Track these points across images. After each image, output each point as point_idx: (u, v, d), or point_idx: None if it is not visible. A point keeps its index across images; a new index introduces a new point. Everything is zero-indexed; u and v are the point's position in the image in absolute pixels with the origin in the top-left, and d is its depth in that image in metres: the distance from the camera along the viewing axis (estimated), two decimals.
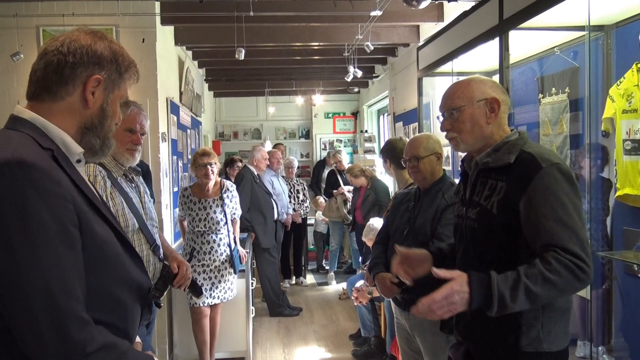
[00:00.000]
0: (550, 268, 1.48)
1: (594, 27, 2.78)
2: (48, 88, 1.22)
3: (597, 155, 2.89)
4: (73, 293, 1.08)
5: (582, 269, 1.50)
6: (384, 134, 8.25)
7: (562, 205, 1.54)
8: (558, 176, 1.57)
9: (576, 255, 1.50)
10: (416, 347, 2.72)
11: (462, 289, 1.51)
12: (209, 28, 5.24)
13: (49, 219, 1.06)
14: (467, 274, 1.55)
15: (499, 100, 1.74)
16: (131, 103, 2.44)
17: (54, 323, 1.05)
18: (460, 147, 1.82)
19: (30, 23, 4.08)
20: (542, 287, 1.48)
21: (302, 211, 6.90)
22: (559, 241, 1.51)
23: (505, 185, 1.65)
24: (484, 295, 1.51)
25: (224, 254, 4.08)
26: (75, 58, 1.22)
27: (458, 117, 1.75)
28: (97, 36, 1.27)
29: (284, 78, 7.95)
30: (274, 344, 5.01)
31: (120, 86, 1.30)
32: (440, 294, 1.51)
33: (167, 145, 4.68)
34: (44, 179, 1.07)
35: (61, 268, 1.07)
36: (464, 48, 3.42)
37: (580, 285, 1.54)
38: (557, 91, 3.18)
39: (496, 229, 1.67)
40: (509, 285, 1.50)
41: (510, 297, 1.49)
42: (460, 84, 1.82)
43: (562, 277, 1.48)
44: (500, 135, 1.76)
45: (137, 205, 2.39)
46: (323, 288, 7.08)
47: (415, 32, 5.47)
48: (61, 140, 1.21)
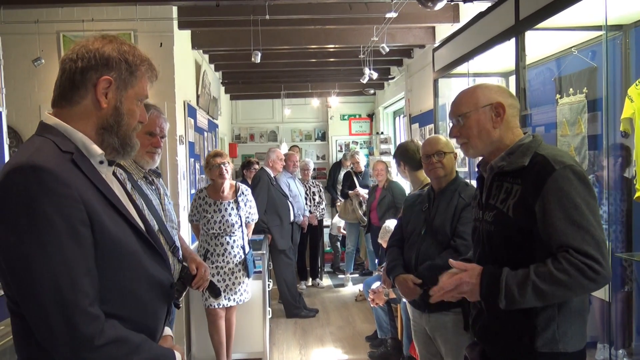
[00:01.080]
0: (560, 267, 1.52)
1: (612, 27, 2.75)
2: (64, 95, 1.29)
3: (617, 156, 2.86)
4: (81, 288, 1.14)
5: (594, 269, 1.50)
6: (400, 135, 8.24)
7: (576, 207, 1.55)
8: (571, 177, 1.58)
9: (589, 255, 1.51)
10: (434, 350, 2.71)
11: (472, 281, 1.64)
12: (225, 32, 5.29)
13: (57, 219, 1.13)
14: (482, 267, 1.66)
15: (504, 105, 1.77)
16: (151, 106, 2.48)
17: (62, 317, 1.12)
18: (470, 153, 1.86)
19: (51, 29, 4.16)
20: (550, 286, 1.53)
21: (319, 213, 6.92)
22: (572, 242, 1.53)
23: (521, 188, 1.67)
24: (492, 288, 1.60)
25: (237, 257, 4.10)
26: (83, 62, 1.27)
27: (465, 123, 1.80)
28: (106, 40, 1.31)
29: (300, 80, 7.98)
30: (290, 345, 5.02)
31: (134, 84, 1.33)
32: (449, 284, 1.67)
33: (185, 147, 4.73)
34: (53, 181, 1.14)
35: (69, 265, 1.14)
36: (480, 49, 3.41)
37: (592, 285, 1.54)
38: (574, 91, 3.15)
39: (512, 232, 1.68)
40: (518, 280, 1.57)
41: (519, 292, 1.56)
42: (466, 92, 1.87)
43: (571, 277, 1.51)
44: (511, 138, 1.78)
45: (157, 207, 2.43)
46: (339, 290, 7.08)
47: (431, 34, 5.46)
48: (82, 143, 1.28)
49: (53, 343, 1.14)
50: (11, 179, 1.14)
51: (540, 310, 1.63)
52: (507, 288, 1.57)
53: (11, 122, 3.39)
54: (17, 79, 3.91)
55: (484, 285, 1.62)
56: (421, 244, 2.61)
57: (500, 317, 1.70)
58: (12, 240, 1.12)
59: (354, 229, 7.17)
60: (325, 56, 6.34)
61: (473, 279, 1.64)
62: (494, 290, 1.59)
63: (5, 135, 2.67)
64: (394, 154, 3.52)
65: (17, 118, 3.93)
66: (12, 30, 4.16)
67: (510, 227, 1.68)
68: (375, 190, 6.11)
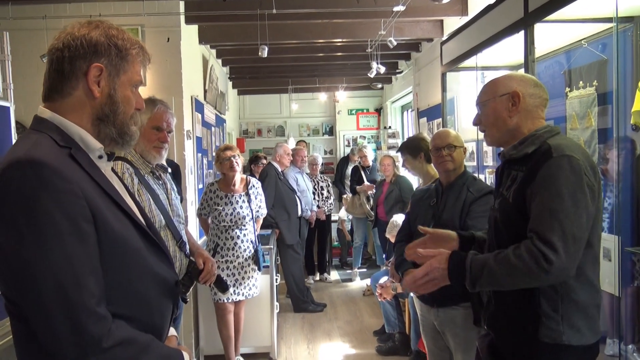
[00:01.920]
0: (516, 252, 1.54)
1: (624, 19, 2.71)
2: (54, 87, 1.23)
3: (626, 149, 2.83)
4: (86, 288, 1.08)
5: (548, 258, 1.49)
6: (407, 130, 8.21)
7: (558, 195, 1.55)
8: (565, 166, 1.57)
9: (550, 243, 1.50)
10: (443, 344, 2.71)
11: (441, 266, 1.68)
12: (232, 26, 5.28)
13: (59, 216, 1.07)
14: (449, 252, 1.71)
15: (519, 93, 1.76)
16: (158, 101, 2.49)
17: (68, 319, 1.06)
18: (488, 141, 1.89)
19: (59, 24, 4.17)
20: (503, 269, 1.56)
21: (326, 208, 6.91)
22: (539, 228, 1.54)
23: (522, 175, 1.69)
24: (459, 271, 1.64)
25: (247, 251, 4.12)
26: (71, 51, 1.20)
27: (483, 111, 1.83)
28: (92, 25, 1.24)
29: (307, 75, 7.96)
30: (298, 340, 5.04)
31: (127, 70, 1.26)
32: (420, 271, 1.71)
33: (192, 142, 4.74)
34: (53, 177, 1.08)
35: (73, 263, 1.08)
36: (489, 42, 3.38)
37: (543, 275, 1.52)
38: (584, 84, 3.12)
39: (512, 218, 1.70)
40: (480, 263, 1.61)
41: (477, 274, 1.60)
42: (491, 80, 1.89)
43: (524, 262, 1.52)
44: (530, 128, 1.77)
45: (164, 202, 2.43)
46: (347, 284, 7.08)
47: (439, 27, 5.42)
48: (79, 137, 1.22)
49: (58, 346, 1.07)
50: (9, 175, 1.08)
51: (544, 300, 1.63)
52: (471, 270, 1.61)
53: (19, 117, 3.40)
54: (25, 75, 3.92)
55: (452, 269, 1.65)
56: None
57: (505, 306, 1.71)
58: (12, 239, 1.06)
59: (361, 223, 7.16)
60: (332, 50, 6.31)
61: (442, 264, 1.68)
62: (461, 272, 1.63)
63: (13, 130, 2.69)
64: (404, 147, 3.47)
65: (26, 113, 3.95)
66: (20, 26, 4.18)
67: (510, 213, 1.70)
68: (382, 184, 6.09)
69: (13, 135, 2.64)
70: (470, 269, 1.61)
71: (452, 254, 1.69)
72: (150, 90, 4.17)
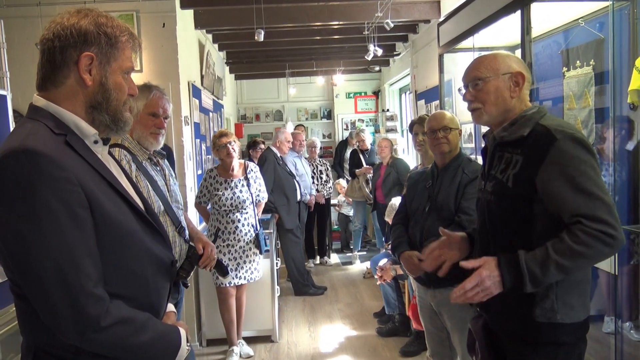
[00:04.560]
0: (577, 240, 1.51)
1: None
2: (47, 77, 1.25)
3: (622, 128, 2.84)
4: (83, 270, 1.13)
5: (611, 234, 1.50)
6: (406, 112, 8.19)
7: (582, 174, 1.55)
8: (574, 145, 1.57)
9: (604, 221, 1.51)
10: (440, 325, 2.74)
11: (492, 274, 1.60)
12: (228, 10, 5.24)
13: (55, 203, 1.11)
14: (496, 258, 1.62)
15: (524, 75, 1.76)
16: (153, 87, 2.48)
17: (66, 300, 1.12)
18: (483, 119, 1.83)
19: (53, 11, 4.14)
20: (572, 260, 1.53)
21: (326, 192, 6.93)
22: (585, 210, 1.52)
23: (522, 158, 1.67)
24: (515, 275, 1.57)
25: (248, 234, 4.14)
26: (61, 41, 1.23)
27: (483, 87, 1.77)
28: (82, 14, 1.26)
29: (305, 59, 7.92)
30: (299, 323, 5.08)
31: (118, 57, 1.28)
32: (470, 283, 1.61)
33: (190, 128, 4.73)
34: (48, 165, 1.11)
35: (70, 247, 1.12)
36: (485, 22, 3.36)
37: (610, 250, 1.55)
38: (581, 64, 3.11)
39: (511, 202, 1.69)
40: (539, 261, 1.55)
41: (542, 272, 1.55)
42: (486, 57, 1.84)
43: (590, 248, 1.51)
44: (521, 109, 1.78)
45: (162, 188, 2.44)
46: (347, 267, 7.13)
47: (436, 8, 5.38)
48: (74, 124, 1.25)
49: (59, 325, 1.13)
50: (5, 165, 1.11)
51: None
52: (530, 272, 1.55)
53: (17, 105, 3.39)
54: (21, 63, 3.90)
55: (506, 276, 1.59)
56: (425, 221, 2.61)
57: None
58: (11, 226, 1.11)
59: (361, 207, 7.18)
60: (329, 33, 6.27)
61: (493, 271, 1.60)
62: (518, 277, 1.57)
63: (11, 119, 2.69)
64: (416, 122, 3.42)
65: (22, 101, 3.93)
66: (14, 14, 4.16)
67: (509, 197, 1.69)
68: (379, 167, 6.10)
69: (11, 123, 2.64)
70: (527, 271, 1.56)
71: (499, 259, 1.62)
72: (147, 76, 4.15)
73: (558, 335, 1.67)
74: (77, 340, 1.15)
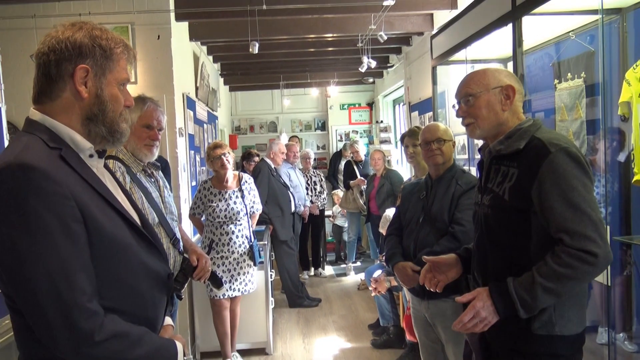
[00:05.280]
0: (560, 262, 1.54)
1: (611, 10, 2.74)
2: (43, 90, 1.26)
3: (614, 140, 2.86)
4: (77, 285, 1.13)
5: (592, 252, 1.52)
6: (400, 124, 8.23)
7: (573, 188, 1.56)
8: (566, 159, 1.59)
9: (587, 237, 1.52)
10: (434, 336, 2.74)
11: (486, 304, 1.65)
12: (222, 23, 5.27)
13: (49, 217, 1.11)
14: (487, 288, 1.67)
15: (515, 88, 1.79)
16: (148, 99, 2.49)
17: (60, 315, 1.11)
18: (477, 133, 1.86)
19: (48, 23, 4.15)
20: (557, 282, 1.55)
21: (320, 203, 6.93)
22: (570, 225, 1.54)
23: (517, 171, 1.68)
24: (506, 302, 1.61)
25: (243, 246, 4.13)
26: (56, 54, 1.23)
27: (474, 103, 1.81)
28: (76, 27, 1.26)
29: (299, 70, 7.96)
30: (294, 335, 5.06)
31: (113, 69, 1.29)
32: (467, 316, 1.67)
33: (185, 140, 4.73)
34: (42, 179, 1.12)
35: (63, 261, 1.12)
36: (478, 35, 3.40)
37: (594, 269, 1.56)
38: (572, 76, 3.15)
39: (508, 215, 1.70)
40: (526, 287, 1.58)
41: (530, 297, 1.57)
42: (476, 73, 1.88)
43: (574, 269, 1.53)
44: (514, 122, 1.80)
45: (157, 199, 2.44)
46: (341, 279, 7.11)
47: (429, 21, 5.43)
48: (70, 138, 1.25)
49: (53, 340, 1.13)
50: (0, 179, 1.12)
51: None
52: (519, 297, 1.59)
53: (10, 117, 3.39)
54: (15, 75, 3.90)
55: (498, 305, 1.63)
56: (419, 232, 2.62)
57: None
58: (5, 240, 1.11)
59: (355, 218, 7.19)
60: (323, 45, 6.31)
61: (487, 301, 1.65)
62: (509, 304, 1.61)
63: (5, 131, 2.68)
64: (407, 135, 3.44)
65: (17, 113, 3.93)
66: (9, 26, 4.17)
67: (506, 210, 1.70)
68: (373, 179, 6.12)
69: (5, 135, 2.63)
70: (517, 297, 1.59)
71: (490, 288, 1.67)
72: (141, 88, 4.16)
73: (556, 348, 1.67)
74: (71, 355, 1.14)
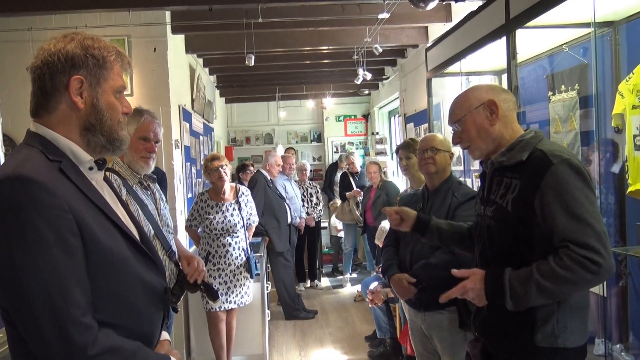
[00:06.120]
0: (561, 264, 1.53)
1: (603, 24, 2.77)
2: (40, 104, 1.26)
3: (607, 151, 2.88)
4: (72, 299, 1.13)
5: (595, 261, 1.51)
6: (395, 135, 8.26)
7: (575, 200, 1.57)
8: (569, 171, 1.59)
9: (591, 248, 1.52)
10: (431, 348, 2.73)
11: (476, 286, 1.67)
12: (219, 35, 5.30)
13: (46, 229, 1.11)
14: (484, 272, 1.68)
15: (496, 101, 1.79)
16: (145, 112, 2.49)
17: (55, 328, 1.11)
18: (476, 154, 1.88)
19: (45, 36, 4.15)
20: (554, 283, 1.55)
21: (316, 214, 6.93)
22: (574, 236, 1.54)
23: (520, 183, 1.69)
24: (497, 291, 1.62)
25: (239, 258, 4.12)
26: (49, 67, 1.23)
27: (463, 127, 1.84)
28: (68, 39, 1.26)
29: (295, 82, 8.00)
30: (290, 347, 5.03)
31: (107, 77, 1.28)
32: (454, 293, 1.70)
33: (180, 152, 4.74)
34: (40, 192, 1.12)
35: (59, 275, 1.12)
36: (472, 48, 3.42)
37: (596, 278, 1.56)
38: (566, 88, 3.17)
39: (511, 226, 1.70)
40: (521, 280, 1.59)
41: (523, 291, 1.58)
42: (459, 97, 1.91)
43: (573, 273, 1.52)
44: (510, 134, 1.80)
45: (153, 212, 2.44)
46: (338, 291, 7.09)
47: (424, 33, 5.48)
48: (70, 150, 1.25)
49: (46, 353, 1.12)
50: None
51: (540, 305, 1.64)
52: (511, 288, 1.59)
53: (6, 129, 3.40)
54: (11, 87, 3.91)
55: (488, 289, 1.65)
56: (416, 243, 2.62)
57: (500, 312, 1.71)
58: (1, 251, 1.11)
59: (351, 229, 7.18)
60: (319, 58, 6.35)
61: (477, 284, 1.67)
62: (499, 292, 1.61)
63: (0, 143, 2.68)
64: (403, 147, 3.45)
65: (13, 126, 3.93)
66: (5, 38, 4.18)
67: (509, 222, 1.70)
68: (369, 190, 6.13)
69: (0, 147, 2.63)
70: (509, 287, 1.60)
71: (486, 273, 1.68)
72: (138, 100, 4.17)
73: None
74: None
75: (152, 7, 4.22)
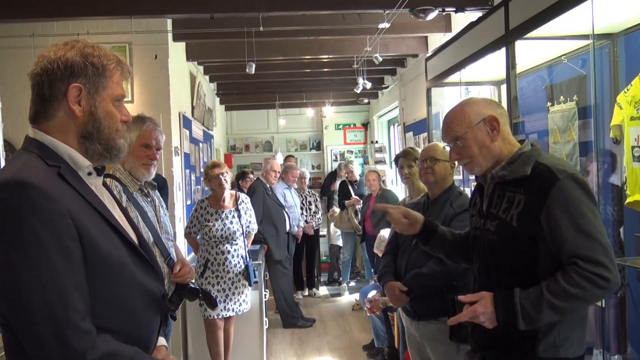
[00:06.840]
0: (572, 282, 1.53)
1: (602, 36, 2.80)
2: (39, 111, 1.27)
3: (606, 162, 2.90)
4: (71, 303, 1.12)
5: (604, 277, 1.52)
6: (394, 144, 8.28)
7: (583, 215, 1.57)
8: (575, 186, 1.59)
9: (600, 263, 1.52)
10: (427, 356, 2.73)
11: (487, 310, 1.63)
12: (219, 43, 5.33)
13: (45, 234, 1.11)
14: (492, 294, 1.65)
15: (497, 117, 1.77)
16: (147, 119, 2.51)
17: (53, 333, 1.10)
18: (476, 170, 1.85)
19: (47, 42, 4.16)
20: (565, 301, 1.54)
21: (314, 223, 6.93)
22: (582, 251, 1.54)
23: (524, 197, 1.67)
24: (508, 312, 1.60)
25: (238, 266, 4.11)
26: (49, 75, 1.24)
27: (464, 144, 1.79)
28: (68, 46, 1.26)
29: (295, 90, 8.03)
30: (287, 356, 5.02)
31: (106, 85, 1.28)
32: (464, 317, 1.66)
33: (180, 159, 4.75)
34: (39, 196, 1.12)
35: (58, 280, 1.12)
36: (472, 58, 3.45)
37: (605, 293, 1.56)
38: (565, 99, 3.19)
39: (516, 241, 1.69)
40: (532, 300, 1.57)
41: (535, 312, 1.56)
42: (454, 113, 1.84)
43: (584, 290, 1.53)
44: (508, 148, 1.78)
45: (152, 219, 2.44)
46: (336, 299, 7.08)
47: (424, 43, 5.51)
48: (68, 156, 1.26)
49: (45, 359, 1.12)
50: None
51: None
52: (522, 309, 1.58)
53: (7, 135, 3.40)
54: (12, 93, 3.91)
55: (499, 312, 1.62)
56: (412, 252, 2.63)
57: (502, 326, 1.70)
58: (0, 257, 1.11)
59: (350, 238, 7.18)
60: (319, 66, 6.38)
61: (488, 308, 1.63)
62: (511, 314, 1.59)
63: (1, 149, 2.69)
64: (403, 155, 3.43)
65: (13, 131, 3.94)
66: (7, 44, 4.20)
67: (514, 236, 1.69)
68: (369, 199, 6.13)
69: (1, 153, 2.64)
70: (521, 308, 1.58)
71: (495, 295, 1.65)
72: (138, 107, 4.19)
73: None
74: None
75: (154, 15, 4.24)
